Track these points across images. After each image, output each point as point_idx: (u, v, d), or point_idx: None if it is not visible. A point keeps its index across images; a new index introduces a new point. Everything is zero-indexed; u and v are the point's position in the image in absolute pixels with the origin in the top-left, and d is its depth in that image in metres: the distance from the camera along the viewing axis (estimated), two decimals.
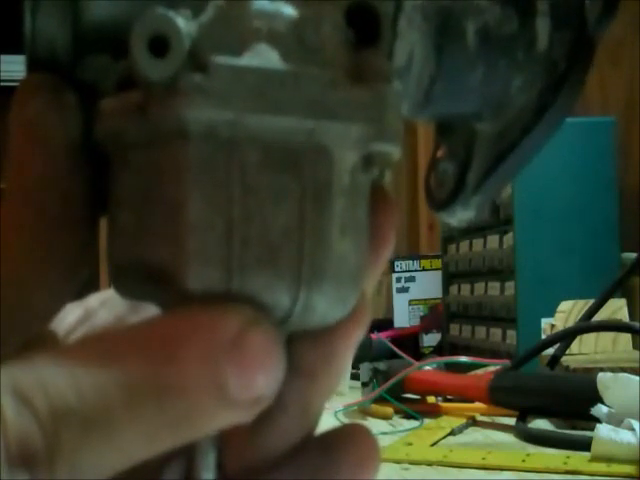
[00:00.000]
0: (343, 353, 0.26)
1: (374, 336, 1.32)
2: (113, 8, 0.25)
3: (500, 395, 0.94)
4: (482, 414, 0.98)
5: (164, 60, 0.22)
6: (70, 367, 0.21)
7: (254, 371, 0.22)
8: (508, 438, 0.88)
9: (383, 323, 1.54)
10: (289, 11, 0.24)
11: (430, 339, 1.55)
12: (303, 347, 0.26)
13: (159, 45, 0.22)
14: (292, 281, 0.23)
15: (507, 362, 1.02)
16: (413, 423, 0.97)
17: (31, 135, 0.25)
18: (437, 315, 1.56)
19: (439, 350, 1.49)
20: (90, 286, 0.30)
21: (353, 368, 1.14)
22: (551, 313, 1.11)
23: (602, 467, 0.72)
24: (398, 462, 0.79)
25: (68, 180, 0.25)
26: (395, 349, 1.21)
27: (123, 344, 0.22)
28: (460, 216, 0.32)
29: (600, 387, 0.81)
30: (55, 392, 0.21)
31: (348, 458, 0.27)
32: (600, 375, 0.82)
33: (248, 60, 0.23)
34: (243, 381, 0.22)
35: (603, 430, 0.74)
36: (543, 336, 1.10)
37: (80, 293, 0.28)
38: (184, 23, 0.23)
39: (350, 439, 0.27)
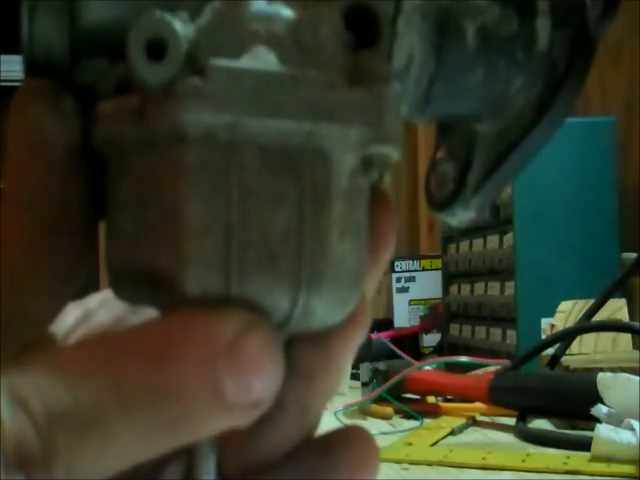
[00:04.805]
0: (343, 356, 0.26)
1: (374, 336, 1.32)
2: (110, 11, 0.25)
3: (500, 395, 0.94)
4: (482, 414, 0.98)
5: (161, 64, 0.22)
6: (66, 370, 0.21)
7: (251, 375, 0.22)
8: (508, 438, 0.88)
9: (383, 323, 1.54)
10: (287, 13, 0.24)
11: (430, 339, 1.55)
12: (302, 350, 0.26)
13: (156, 49, 0.22)
14: (291, 284, 0.23)
15: (507, 362, 1.02)
16: (413, 423, 0.97)
17: (29, 142, 0.25)
18: (437, 315, 1.56)
19: (439, 350, 1.49)
20: (90, 286, 0.30)
21: (353, 368, 1.14)
22: (551, 313, 1.11)
23: (602, 467, 0.72)
24: (398, 462, 0.79)
25: (67, 185, 0.25)
26: (395, 349, 1.21)
27: (120, 347, 0.22)
28: (460, 217, 0.32)
29: (600, 387, 0.81)
30: (51, 395, 0.21)
31: (347, 459, 0.27)
32: (600, 375, 0.82)
33: (246, 63, 0.23)
34: (240, 385, 0.22)
35: (603, 430, 0.74)
36: (543, 336, 1.10)
37: (80, 294, 0.28)
38: (181, 26, 0.22)
39: (349, 440, 0.27)
